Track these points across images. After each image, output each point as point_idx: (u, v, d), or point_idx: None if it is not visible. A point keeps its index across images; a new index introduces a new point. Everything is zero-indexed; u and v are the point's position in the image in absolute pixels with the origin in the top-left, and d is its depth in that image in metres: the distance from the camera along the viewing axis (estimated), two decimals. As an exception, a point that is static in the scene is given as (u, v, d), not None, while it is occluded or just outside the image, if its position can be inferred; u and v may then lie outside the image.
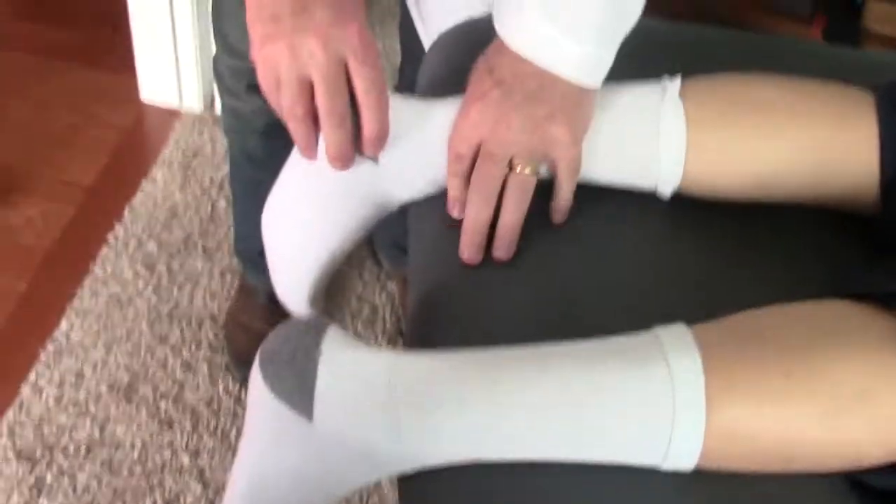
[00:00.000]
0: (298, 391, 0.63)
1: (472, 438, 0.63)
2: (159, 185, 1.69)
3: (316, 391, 0.63)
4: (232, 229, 1.51)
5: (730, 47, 0.90)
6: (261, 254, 0.83)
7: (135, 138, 1.78)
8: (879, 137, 0.73)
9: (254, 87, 1.15)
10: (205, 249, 1.60)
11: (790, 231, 0.79)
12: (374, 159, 0.74)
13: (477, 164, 0.73)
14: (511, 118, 0.72)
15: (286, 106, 0.70)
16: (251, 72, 1.12)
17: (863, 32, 1.55)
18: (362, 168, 0.75)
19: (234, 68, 1.15)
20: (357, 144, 0.72)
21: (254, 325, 1.44)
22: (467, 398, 0.63)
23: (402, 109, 0.75)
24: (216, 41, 1.16)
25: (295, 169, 0.78)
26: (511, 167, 0.73)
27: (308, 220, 0.78)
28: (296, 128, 0.71)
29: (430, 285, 0.77)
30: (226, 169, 1.67)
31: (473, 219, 0.74)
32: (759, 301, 0.68)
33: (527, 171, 0.73)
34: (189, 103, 1.81)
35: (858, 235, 0.78)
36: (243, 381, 1.44)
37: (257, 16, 0.69)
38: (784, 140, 0.75)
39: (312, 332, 0.65)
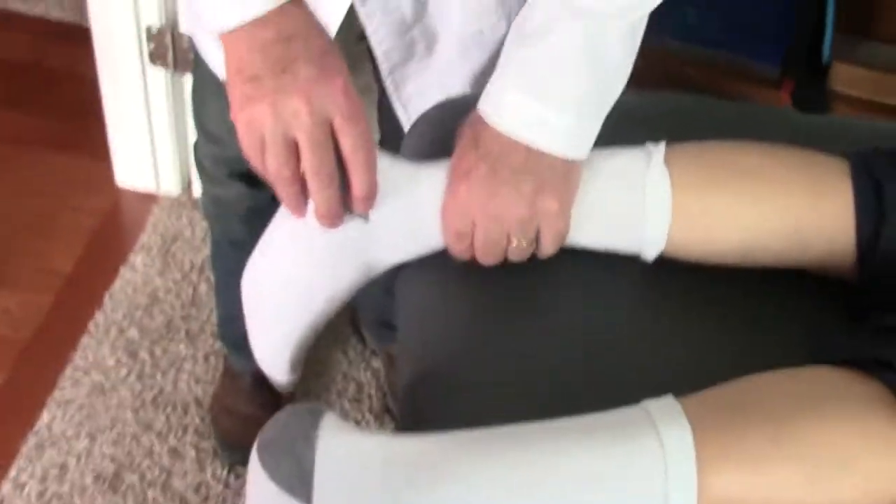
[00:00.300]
0: (297, 478, 0.63)
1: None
2: (139, 270, 1.68)
3: (314, 478, 0.63)
4: (214, 312, 1.50)
5: (707, 115, 0.92)
6: (244, 337, 0.82)
7: (112, 224, 1.77)
8: (855, 204, 0.75)
9: (235, 174, 1.15)
10: (187, 333, 1.59)
11: (771, 295, 0.80)
12: (364, 217, 0.74)
13: (476, 243, 0.75)
14: (500, 194, 0.72)
15: (273, 169, 0.69)
16: (232, 159, 1.14)
17: (830, 95, 1.59)
18: (351, 225, 0.74)
19: (214, 156, 1.15)
20: (346, 201, 0.71)
21: (239, 409, 1.43)
22: (463, 480, 0.63)
23: (390, 169, 0.75)
24: (196, 129, 1.17)
25: (281, 227, 0.77)
26: (507, 241, 0.74)
27: (294, 278, 0.77)
28: (283, 189, 0.70)
29: (420, 357, 0.77)
30: (206, 252, 1.67)
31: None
32: (741, 366, 0.68)
33: (523, 243, 0.75)
34: (166, 187, 1.81)
35: (838, 299, 0.79)
36: (231, 465, 1.42)
37: (236, 78, 0.68)
38: (766, 206, 0.76)
39: (309, 419, 0.65)
